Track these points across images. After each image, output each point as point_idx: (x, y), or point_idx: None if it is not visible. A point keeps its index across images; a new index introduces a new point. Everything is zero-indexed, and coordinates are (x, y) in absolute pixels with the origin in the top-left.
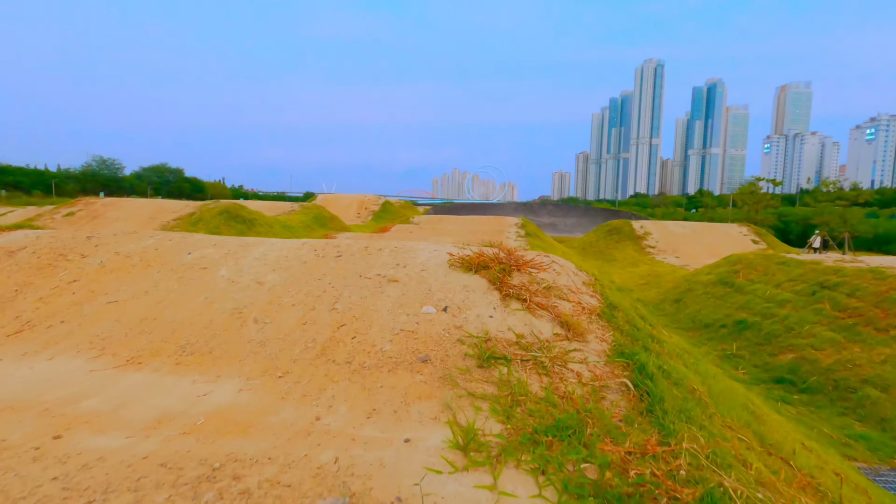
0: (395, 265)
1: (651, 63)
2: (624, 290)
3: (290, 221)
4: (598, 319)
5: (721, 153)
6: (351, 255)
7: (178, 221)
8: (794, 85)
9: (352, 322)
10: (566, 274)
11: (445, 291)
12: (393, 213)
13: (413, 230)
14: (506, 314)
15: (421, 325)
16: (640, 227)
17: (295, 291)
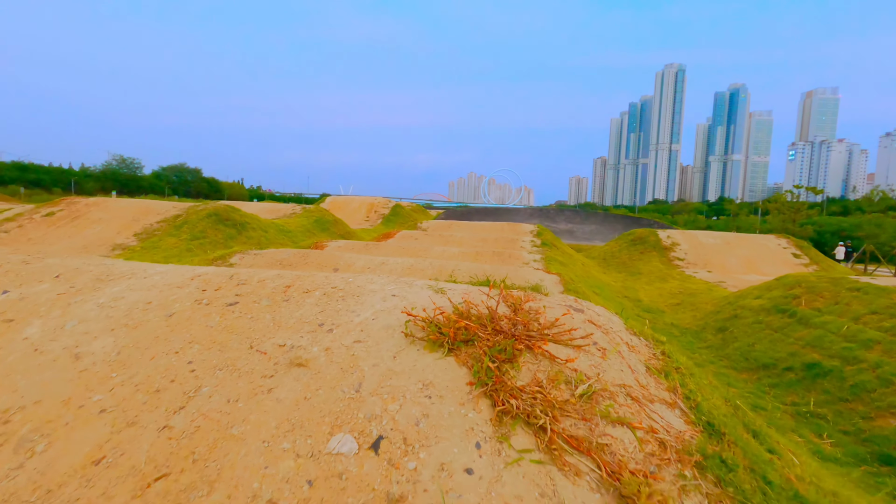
0: (316, 326)
1: (672, 68)
2: (654, 312)
3: (289, 225)
4: (696, 473)
5: (743, 160)
6: (254, 303)
7: (161, 224)
8: (820, 91)
9: (183, 471)
10: (618, 355)
11: (387, 395)
12: (403, 216)
13: (419, 237)
14: (501, 468)
15: (317, 489)
16: (666, 236)
17: (123, 377)
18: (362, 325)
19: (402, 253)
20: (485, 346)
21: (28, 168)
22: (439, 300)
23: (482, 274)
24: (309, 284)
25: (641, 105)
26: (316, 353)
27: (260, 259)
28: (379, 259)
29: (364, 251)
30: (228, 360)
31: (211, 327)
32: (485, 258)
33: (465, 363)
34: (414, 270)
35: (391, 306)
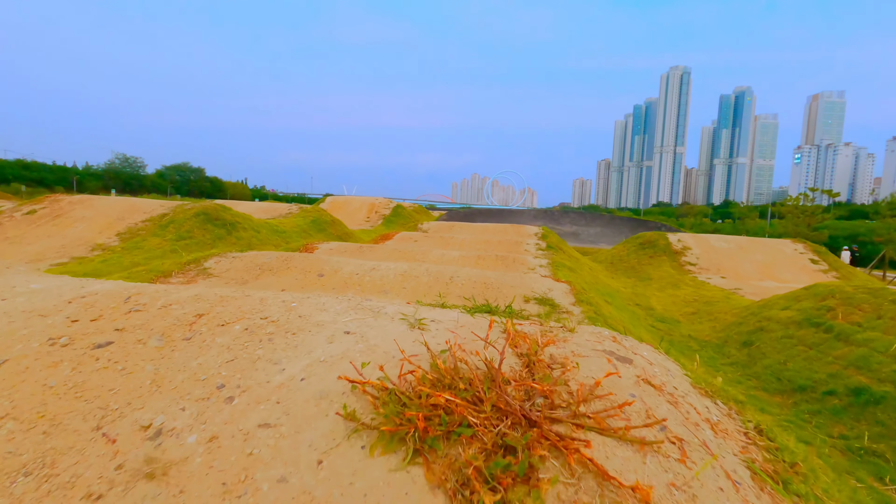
0: (213, 389)
1: (677, 70)
2: (669, 322)
3: (284, 225)
4: None
5: (748, 163)
6: (137, 344)
7: (146, 223)
8: (826, 94)
9: None
10: (703, 452)
11: None
12: (405, 217)
13: (418, 238)
14: None
15: None
16: (677, 240)
17: None
18: (283, 389)
19: (397, 256)
20: (479, 446)
21: (31, 166)
22: (412, 344)
23: (483, 283)
24: (231, 313)
25: (646, 107)
26: (190, 449)
27: (238, 262)
28: (370, 264)
29: (356, 254)
30: (48, 453)
31: (50, 388)
32: (487, 263)
33: (441, 483)
34: (407, 278)
35: (339, 353)
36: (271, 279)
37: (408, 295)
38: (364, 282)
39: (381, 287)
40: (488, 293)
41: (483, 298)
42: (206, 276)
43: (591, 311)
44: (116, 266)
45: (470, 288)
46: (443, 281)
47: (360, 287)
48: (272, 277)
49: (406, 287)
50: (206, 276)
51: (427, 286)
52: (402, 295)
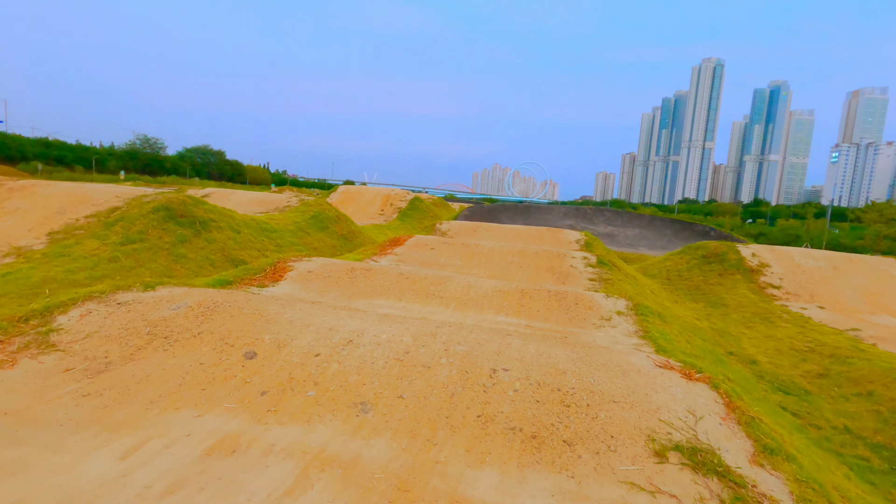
0: None
1: (710, 62)
2: (795, 393)
3: (276, 222)
4: None
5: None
6: None
7: (90, 220)
8: (867, 90)
9: None
10: None
11: None
12: (422, 211)
13: (436, 246)
14: None
15: None
16: (751, 254)
17: None
18: None
19: (403, 290)
20: None
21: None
22: None
23: (556, 389)
24: None
25: (675, 100)
26: None
27: (117, 319)
28: (347, 328)
29: (342, 284)
30: None
31: None
32: (537, 304)
33: None
34: (409, 370)
35: None
36: (155, 365)
37: (408, 422)
38: (324, 379)
39: (355, 396)
40: (571, 419)
41: (563, 440)
42: (44, 351)
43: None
44: (15, 286)
45: (531, 402)
46: (479, 381)
47: (317, 391)
48: (161, 359)
49: (405, 396)
50: (43, 349)
51: (448, 396)
52: (393, 422)
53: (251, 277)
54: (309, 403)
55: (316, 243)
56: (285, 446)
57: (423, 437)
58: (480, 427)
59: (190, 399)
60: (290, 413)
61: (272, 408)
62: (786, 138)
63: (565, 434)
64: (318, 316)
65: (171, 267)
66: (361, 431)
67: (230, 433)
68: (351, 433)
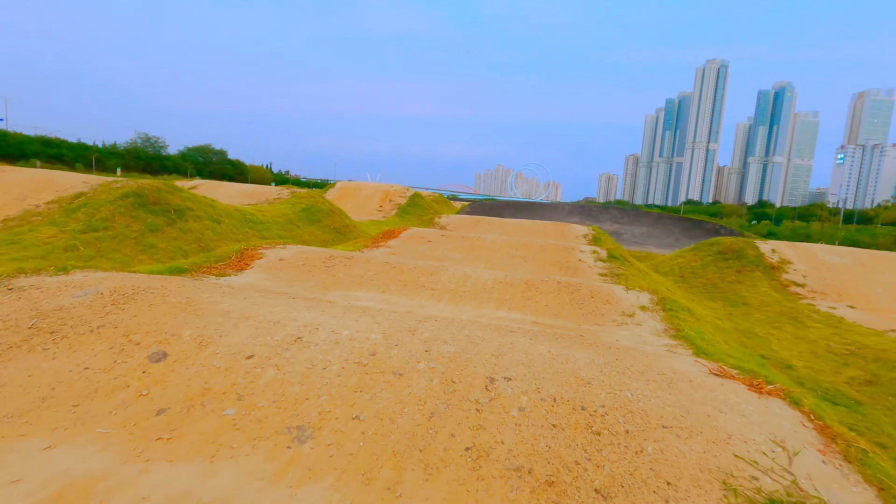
0: None
1: (714, 63)
2: (845, 403)
3: (263, 213)
4: None
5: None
6: None
7: (52, 205)
8: (873, 92)
9: None
10: None
11: None
12: (422, 208)
13: (434, 238)
14: None
15: None
16: (770, 250)
17: None
18: None
19: (389, 280)
20: None
21: (51, 143)
22: None
23: (568, 376)
24: None
25: (679, 102)
26: None
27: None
28: (303, 319)
29: (318, 272)
30: None
31: None
32: (544, 296)
33: None
34: (378, 373)
35: None
36: (20, 371)
37: (363, 458)
38: (253, 390)
39: (291, 416)
40: (604, 454)
41: (595, 490)
42: None
43: None
44: None
45: (544, 427)
46: (470, 396)
47: (238, 409)
48: (33, 362)
49: (362, 417)
50: None
51: (424, 418)
52: (341, 457)
53: (211, 265)
54: (222, 427)
55: (306, 237)
56: (161, 502)
57: (381, 483)
58: (470, 466)
59: (50, 420)
60: (190, 443)
61: (167, 434)
62: (790, 140)
63: (597, 478)
64: (266, 306)
65: (138, 257)
66: (290, 474)
67: (84, 477)
68: (272, 477)
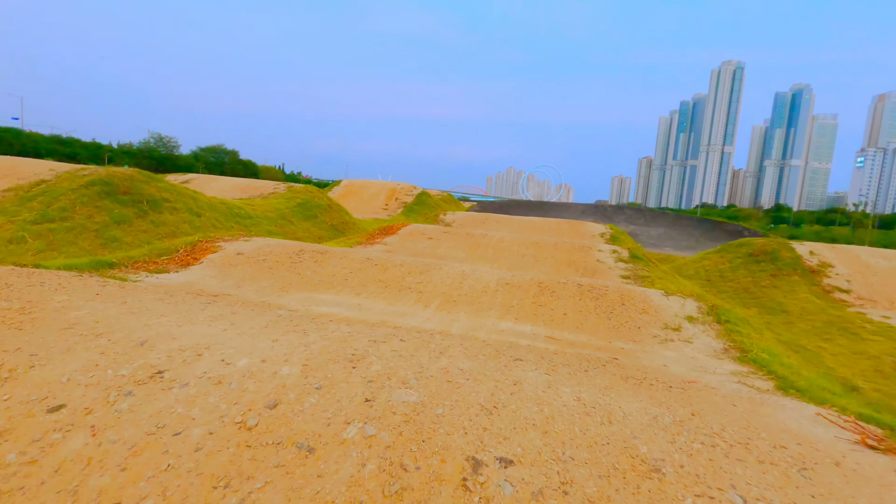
0: None
1: (730, 65)
2: None
3: (253, 208)
4: None
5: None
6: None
7: (7, 193)
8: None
9: None
10: None
11: None
12: (429, 206)
13: (436, 235)
14: None
15: None
16: (808, 252)
17: None
18: None
19: (367, 280)
20: None
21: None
22: None
23: (616, 455)
24: None
25: (693, 104)
26: None
27: None
28: (188, 338)
29: (268, 275)
30: None
31: None
32: (560, 301)
33: None
34: (265, 446)
35: None
36: None
37: None
38: (24, 485)
39: None
40: None
41: None
42: None
43: None
44: None
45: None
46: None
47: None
48: None
49: None
50: None
51: None
52: None
53: (151, 259)
54: None
55: (299, 233)
56: None
57: None
58: None
59: None
60: None
61: None
62: (808, 143)
63: None
64: (147, 316)
65: (96, 251)
66: None
67: None
68: None
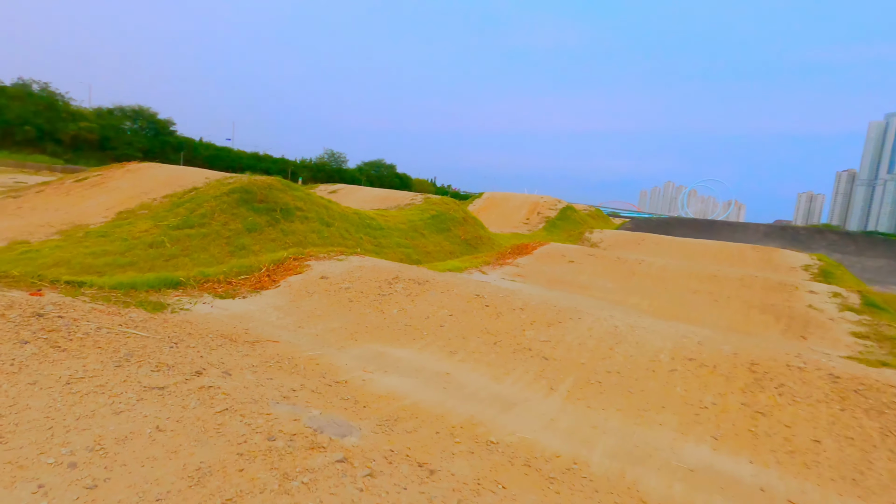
0: None
1: None
2: None
3: (385, 219)
4: None
5: None
6: None
7: (164, 200)
8: None
9: None
10: None
11: None
12: (574, 222)
13: (578, 259)
14: None
15: None
16: None
17: None
18: None
19: (470, 329)
20: None
21: (262, 158)
22: None
23: None
24: None
25: None
26: None
27: None
28: None
29: (346, 311)
30: None
31: None
32: (802, 412)
33: None
34: None
35: None
36: None
37: None
38: None
39: None
40: None
41: None
42: None
43: None
44: (19, 265)
45: None
46: None
47: None
48: None
49: None
50: None
51: None
52: None
53: (227, 279)
54: None
55: (430, 246)
56: None
57: None
58: None
59: None
60: None
61: None
62: None
63: None
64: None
65: (223, 259)
66: None
67: None
68: None
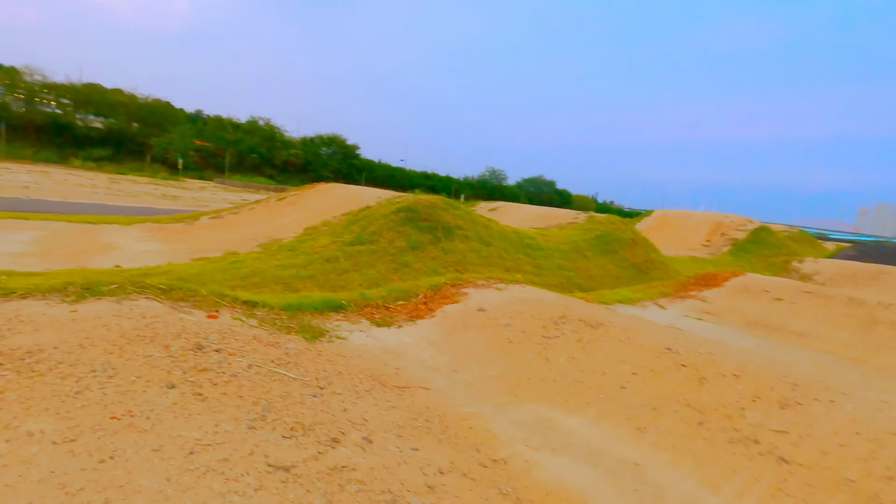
0: None
1: None
2: None
3: (546, 239)
4: None
5: None
6: None
7: (342, 218)
8: None
9: None
10: None
11: None
12: (771, 246)
13: (788, 296)
14: None
15: None
16: None
17: None
18: None
19: (663, 399)
20: None
21: (430, 177)
22: None
23: None
24: None
25: None
26: None
27: None
28: None
29: (504, 355)
30: None
31: None
32: None
33: None
34: None
35: None
36: None
37: None
38: None
39: None
40: None
41: None
42: None
43: None
44: (225, 274)
45: None
46: None
47: None
48: None
49: None
50: None
51: None
52: None
53: (386, 304)
54: None
55: (593, 270)
56: None
57: None
58: None
59: None
60: None
61: None
62: None
63: None
64: None
65: (388, 276)
66: None
67: None
68: None
